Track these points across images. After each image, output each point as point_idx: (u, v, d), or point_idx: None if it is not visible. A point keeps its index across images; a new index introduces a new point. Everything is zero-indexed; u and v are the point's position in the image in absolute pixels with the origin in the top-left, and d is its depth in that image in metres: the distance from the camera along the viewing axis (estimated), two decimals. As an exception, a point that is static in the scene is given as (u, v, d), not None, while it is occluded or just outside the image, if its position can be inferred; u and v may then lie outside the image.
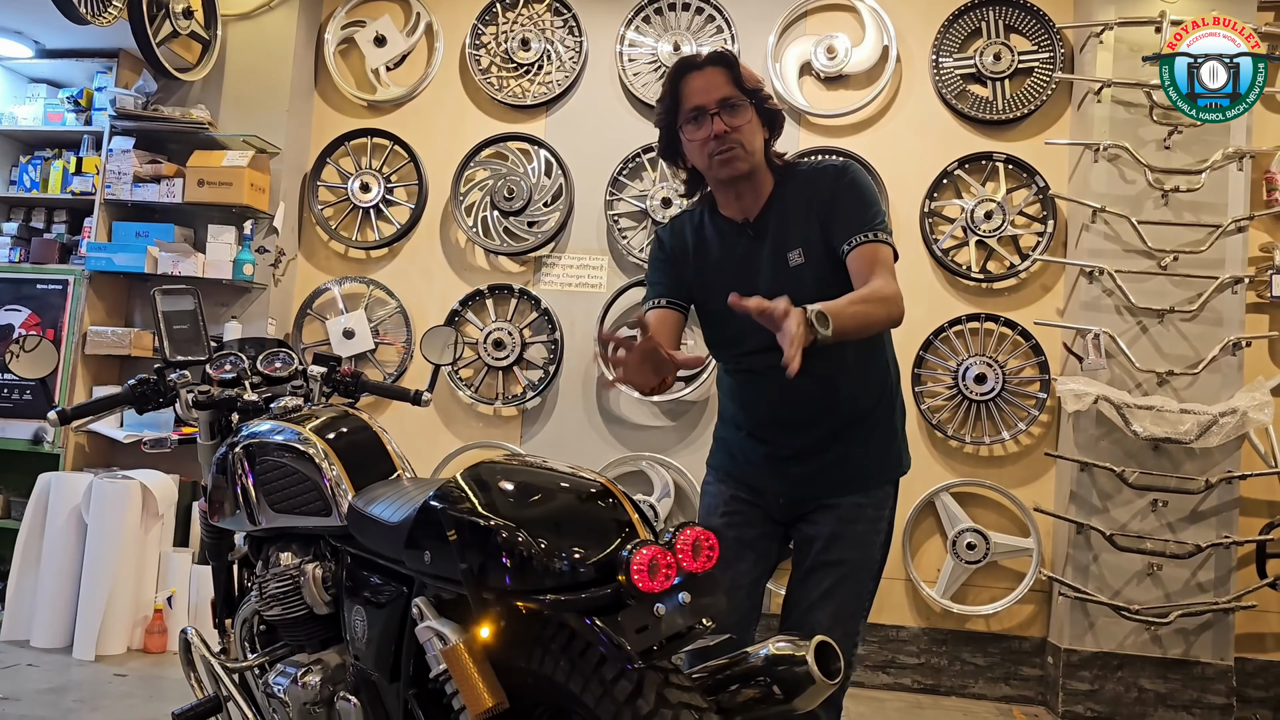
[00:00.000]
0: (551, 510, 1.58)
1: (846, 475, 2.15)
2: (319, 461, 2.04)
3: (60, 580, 4.01)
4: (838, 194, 2.09)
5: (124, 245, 4.36)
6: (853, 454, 2.15)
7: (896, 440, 2.22)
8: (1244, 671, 4.04)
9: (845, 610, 2.11)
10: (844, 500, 2.14)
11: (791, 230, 2.11)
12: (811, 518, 2.16)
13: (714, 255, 2.17)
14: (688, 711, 1.47)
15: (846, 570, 2.12)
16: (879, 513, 2.16)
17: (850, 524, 2.13)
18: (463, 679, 1.58)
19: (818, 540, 2.14)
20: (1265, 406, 3.87)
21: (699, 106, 2.06)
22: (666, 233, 2.27)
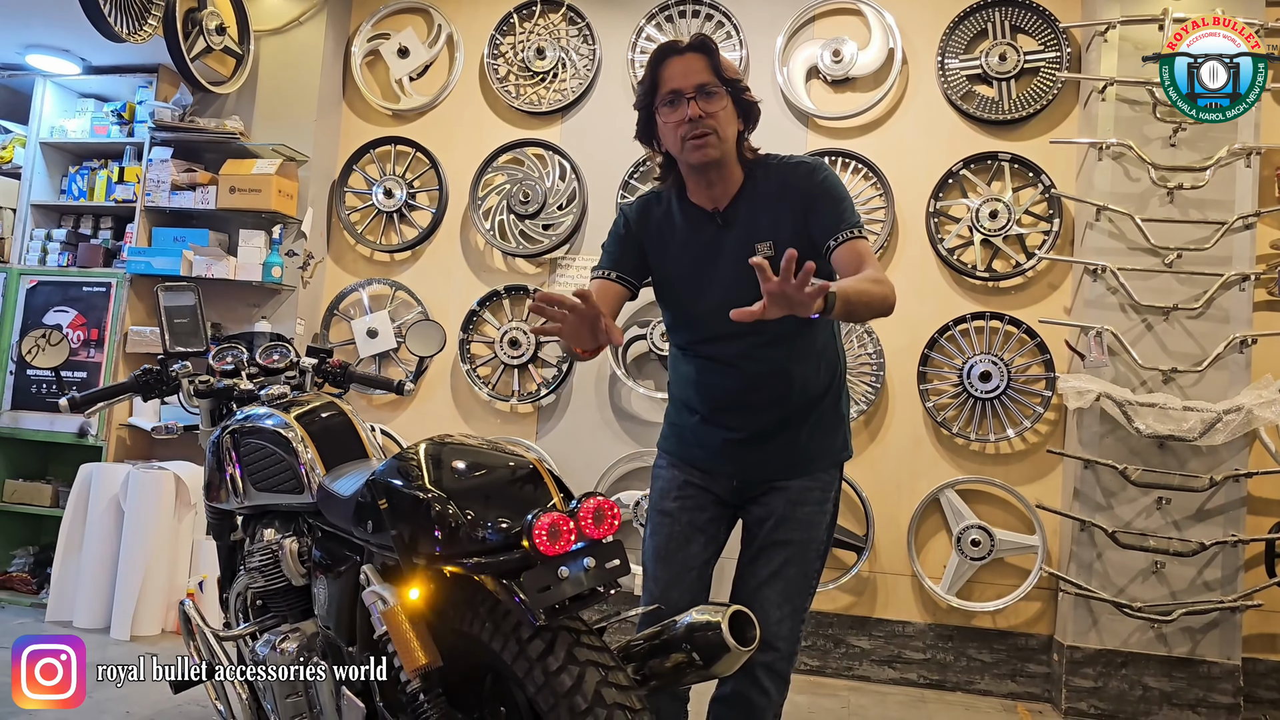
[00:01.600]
0: (479, 484, 1.71)
1: (795, 459, 2.23)
2: (295, 444, 2.20)
3: (100, 565, 4.25)
4: (815, 192, 2.15)
5: (162, 250, 4.61)
6: (802, 439, 2.23)
7: (842, 426, 2.30)
8: (1254, 672, 4.01)
9: (792, 587, 2.20)
10: (792, 483, 2.23)
11: (761, 222, 2.17)
12: (761, 500, 2.24)
13: (680, 241, 2.23)
14: (593, 669, 1.58)
15: (794, 550, 2.21)
16: (825, 495, 2.25)
17: (798, 505, 2.22)
18: (398, 638, 1.72)
19: (767, 521, 2.23)
20: (1274, 404, 3.84)
21: (676, 90, 2.12)
22: (632, 210, 2.32)
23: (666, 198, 2.28)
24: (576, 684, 1.55)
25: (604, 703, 1.54)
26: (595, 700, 1.54)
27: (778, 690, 2.20)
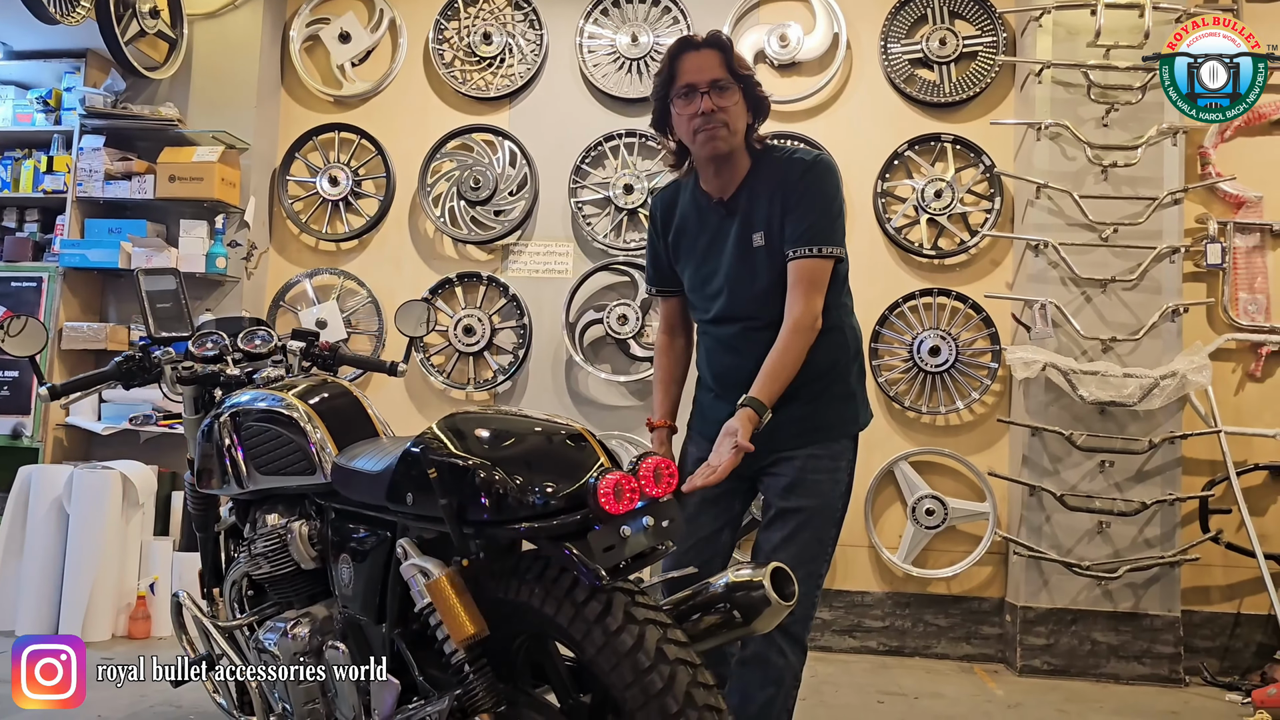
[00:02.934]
0: (525, 450, 1.72)
1: (803, 429, 2.28)
2: (303, 424, 2.16)
3: (44, 570, 4.07)
4: (799, 190, 2.22)
5: (97, 241, 4.44)
6: (808, 411, 2.28)
7: (854, 400, 2.35)
8: (1191, 623, 4.24)
9: (806, 553, 2.24)
10: (800, 452, 2.28)
11: (757, 213, 2.26)
12: (772, 470, 2.30)
13: (692, 228, 2.36)
14: (653, 627, 1.60)
15: (805, 516, 2.25)
16: (836, 464, 2.29)
17: (808, 473, 2.27)
18: (446, 610, 1.71)
19: (778, 490, 2.28)
20: (1204, 369, 4.07)
21: (691, 84, 2.20)
22: (658, 205, 2.45)
23: (686, 186, 2.40)
24: (638, 642, 1.57)
25: (666, 659, 1.57)
26: (658, 657, 1.57)
27: (794, 653, 2.25)
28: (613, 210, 4.65)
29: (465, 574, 1.75)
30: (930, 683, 3.98)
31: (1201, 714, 3.66)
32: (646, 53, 4.67)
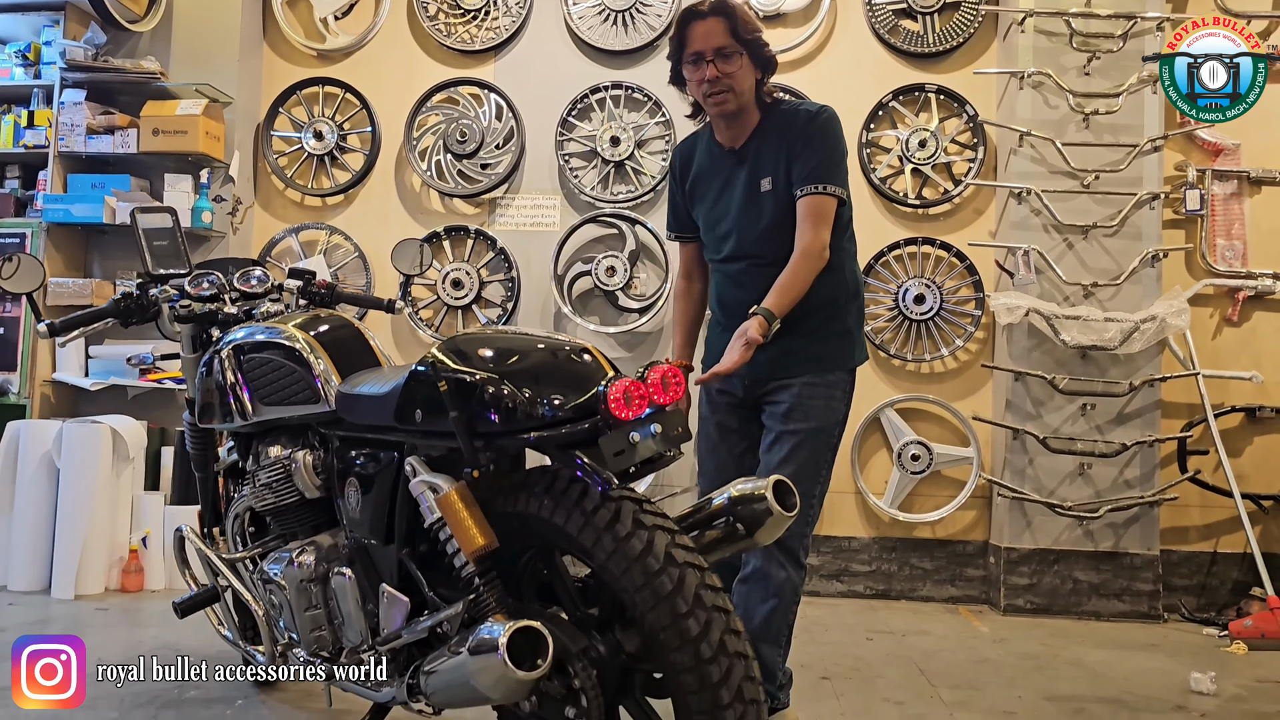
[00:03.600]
0: (533, 364, 1.75)
1: (801, 359, 2.42)
2: (305, 355, 2.18)
3: (35, 525, 4.07)
4: (805, 137, 2.40)
5: (81, 196, 4.40)
6: (806, 343, 2.42)
7: (851, 338, 2.49)
8: (1169, 562, 4.34)
9: (803, 472, 2.34)
10: (798, 380, 2.41)
11: (765, 160, 2.43)
12: (772, 397, 2.44)
13: (705, 175, 2.55)
14: (661, 533, 1.65)
15: (802, 438, 2.38)
16: (831, 392, 2.42)
17: (804, 399, 2.40)
18: (456, 523, 1.75)
19: (777, 414, 2.42)
20: (1182, 313, 4.15)
21: (698, 52, 2.39)
22: (677, 156, 2.65)
23: (702, 136, 2.59)
24: (648, 547, 1.62)
25: (675, 562, 1.62)
26: (667, 560, 1.61)
27: (792, 568, 2.36)
28: (599, 163, 4.66)
29: (474, 489, 1.78)
30: (917, 622, 4.07)
31: (1180, 647, 3.76)
32: (632, 4, 4.66)
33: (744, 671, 1.60)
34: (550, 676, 1.74)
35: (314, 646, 2.18)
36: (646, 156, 4.67)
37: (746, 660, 1.61)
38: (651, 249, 4.61)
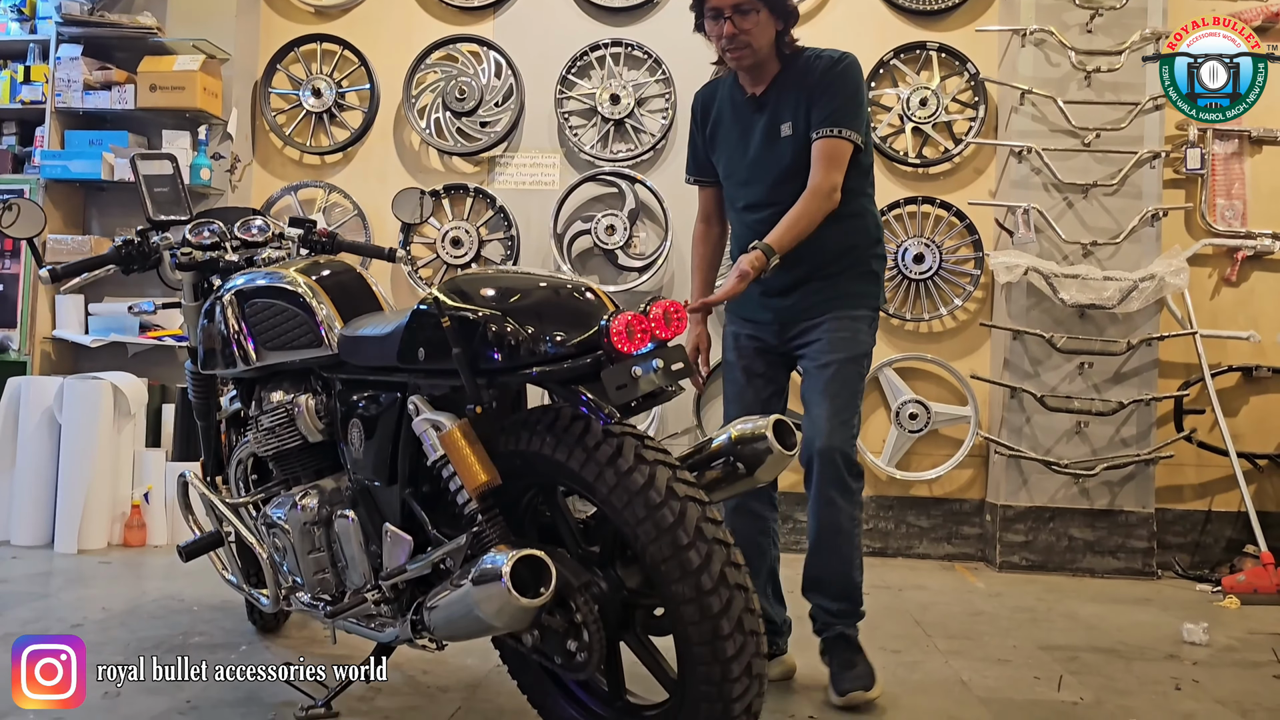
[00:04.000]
0: (535, 301, 1.76)
1: (824, 300, 2.48)
2: (308, 299, 2.18)
3: (37, 480, 4.09)
4: (825, 82, 2.44)
5: (78, 153, 4.39)
6: (829, 287, 2.48)
7: (875, 280, 2.55)
8: (1164, 520, 4.38)
9: (840, 403, 2.43)
10: (824, 318, 2.48)
11: (785, 107, 2.47)
12: (802, 339, 2.51)
13: (726, 121, 2.58)
14: (663, 467, 1.66)
15: (835, 369, 2.45)
16: (857, 326, 2.50)
17: (833, 334, 2.47)
18: (459, 459, 1.76)
19: (809, 353, 2.49)
20: (1181, 272, 4.16)
21: (716, 8, 2.41)
22: (698, 101, 2.68)
23: (724, 83, 2.62)
24: (649, 481, 1.64)
25: (676, 495, 1.64)
26: (668, 494, 1.63)
27: (846, 498, 2.42)
28: (599, 121, 4.64)
29: (476, 427, 1.80)
30: (914, 578, 4.10)
31: (1173, 602, 3.80)
32: (631, -40, 4.63)
33: (744, 603, 1.62)
34: (552, 611, 1.77)
35: (317, 589, 2.20)
36: (646, 115, 4.65)
37: (746, 593, 1.64)
38: (651, 208, 4.61)
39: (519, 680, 2.06)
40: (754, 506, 2.53)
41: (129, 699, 2.25)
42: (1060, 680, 2.69)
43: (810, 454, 2.41)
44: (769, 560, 2.58)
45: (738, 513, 2.53)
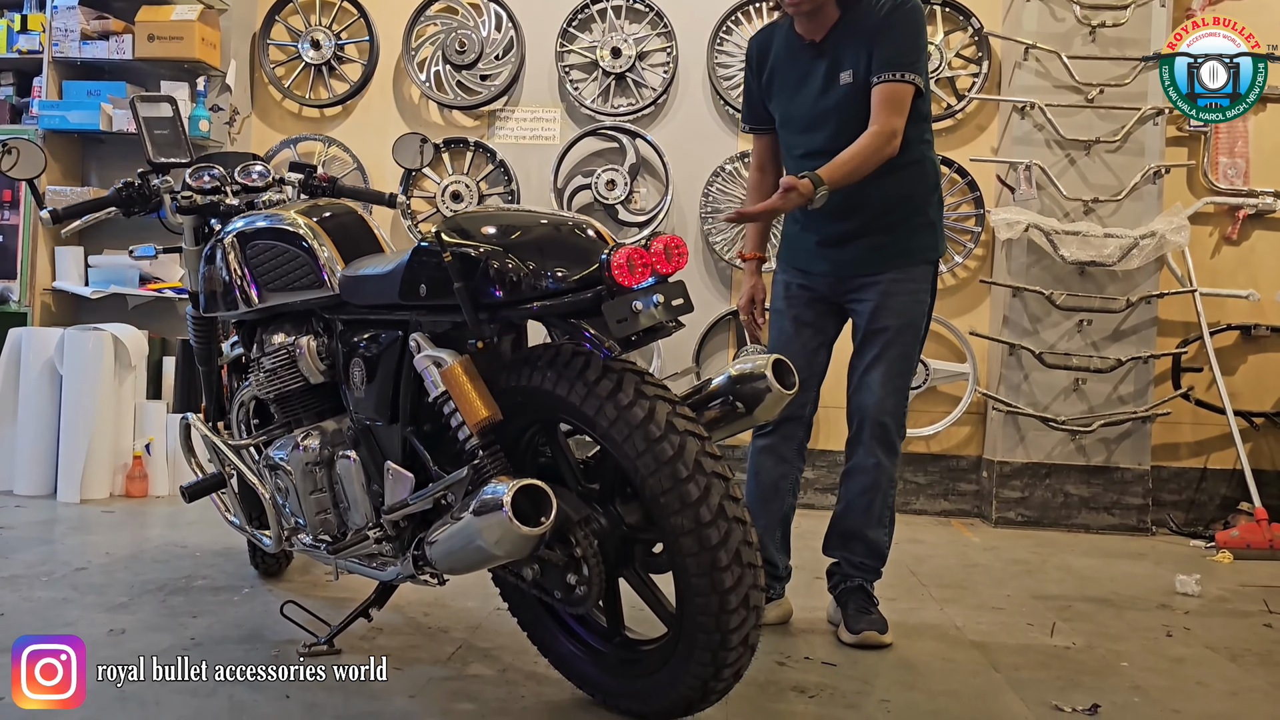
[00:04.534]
0: (536, 237, 1.77)
1: (884, 254, 2.45)
2: (309, 240, 2.19)
3: (39, 431, 4.11)
4: (887, 25, 2.38)
5: (77, 103, 4.37)
6: (889, 238, 2.45)
7: (934, 229, 2.52)
8: (1159, 478, 4.41)
9: (893, 369, 2.45)
10: (883, 276, 2.45)
11: (846, 53, 2.41)
12: (858, 295, 2.48)
13: (783, 67, 2.53)
14: (662, 402, 1.68)
15: (891, 335, 2.45)
16: (917, 286, 2.48)
17: (891, 296, 2.45)
18: (460, 395, 1.78)
19: (866, 314, 2.48)
20: (1182, 230, 4.16)
21: None
22: (754, 47, 2.62)
23: (780, 29, 2.57)
24: (649, 415, 1.65)
25: (676, 430, 1.65)
26: (668, 428, 1.65)
27: (889, 458, 2.47)
28: (600, 75, 4.62)
29: (477, 364, 1.81)
30: (909, 532, 4.13)
31: (1166, 556, 3.84)
32: (634, -89, 4.58)
33: (742, 536, 1.64)
34: (552, 545, 1.79)
35: (319, 530, 2.23)
36: (647, 69, 4.62)
37: (745, 526, 1.66)
38: (652, 163, 4.59)
39: (519, 618, 2.09)
40: (783, 451, 2.55)
41: (134, 635, 2.28)
42: (1053, 627, 2.72)
43: (862, 416, 2.45)
44: (785, 506, 2.60)
45: (765, 454, 2.55)
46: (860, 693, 2.12)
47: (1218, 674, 2.37)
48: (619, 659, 1.90)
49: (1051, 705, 2.08)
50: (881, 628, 2.46)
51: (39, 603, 2.53)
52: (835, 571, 2.59)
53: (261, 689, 1.97)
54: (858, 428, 2.47)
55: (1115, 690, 2.20)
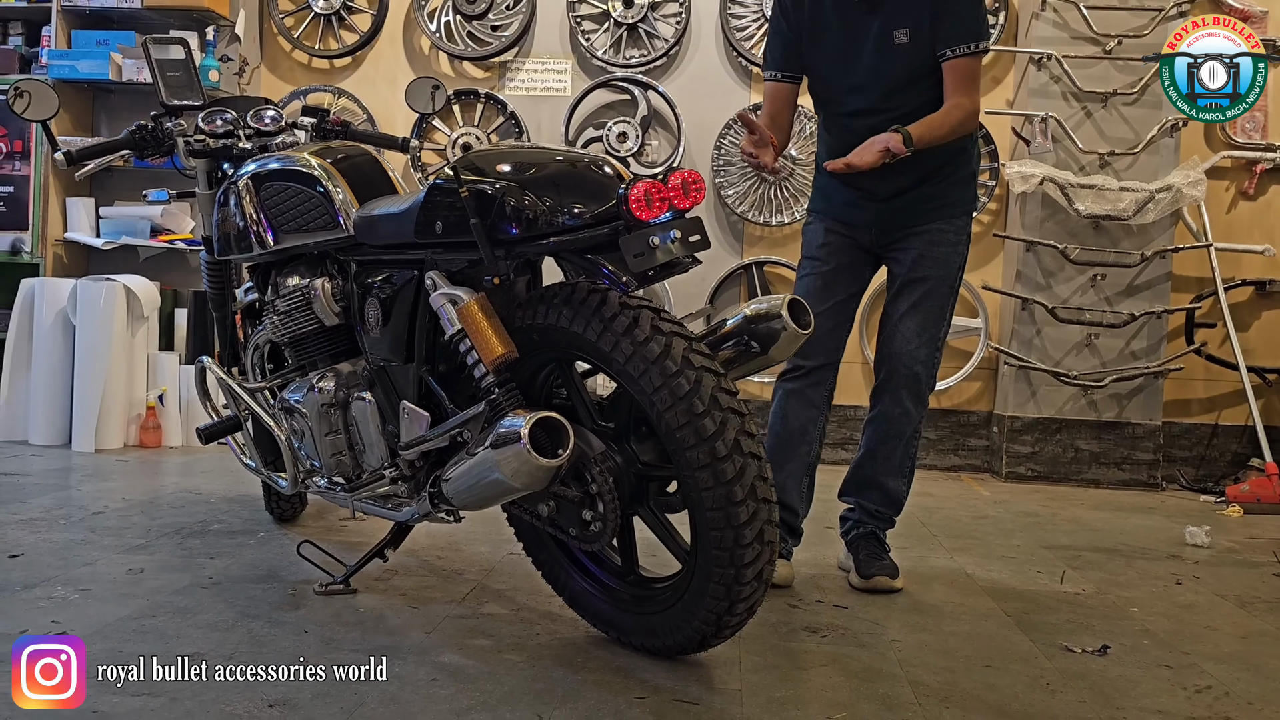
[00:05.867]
0: (552, 173, 1.76)
1: (932, 206, 2.44)
2: (324, 181, 2.18)
3: (52, 381, 4.13)
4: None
5: (86, 53, 4.34)
6: (938, 190, 2.43)
7: (974, 182, 2.53)
8: (1170, 434, 4.40)
9: (929, 319, 2.45)
10: (929, 227, 2.44)
11: (901, 13, 2.34)
12: (901, 244, 2.46)
13: (829, 23, 2.42)
14: (678, 338, 1.68)
15: (930, 286, 2.44)
16: (958, 238, 2.47)
17: (934, 246, 2.44)
18: (476, 332, 1.78)
19: (906, 263, 2.46)
20: (1198, 184, 4.12)
21: None
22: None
23: None
24: (665, 351, 1.65)
25: (692, 365, 1.65)
26: (684, 363, 1.65)
27: (917, 408, 2.48)
28: (611, 25, 4.57)
29: (493, 301, 1.81)
30: (920, 486, 4.03)
31: (1176, 510, 3.84)
32: None
33: (757, 471, 1.65)
34: (567, 482, 1.80)
35: (334, 471, 2.24)
36: (659, 20, 4.58)
37: (760, 461, 1.66)
38: (664, 115, 4.56)
39: (533, 557, 2.11)
40: (812, 396, 2.51)
41: (152, 575, 2.31)
42: (1063, 574, 2.73)
43: (894, 364, 2.44)
44: (811, 453, 2.56)
45: (793, 397, 2.51)
46: (871, 633, 2.14)
47: (1227, 619, 2.39)
48: (633, 596, 1.92)
49: (1061, 646, 2.10)
50: (893, 573, 2.48)
51: (58, 543, 2.55)
52: (849, 517, 2.60)
53: (280, 624, 1.99)
54: (887, 375, 2.46)
55: (1124, 634, 2.22)
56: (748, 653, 1.96)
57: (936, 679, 1.88)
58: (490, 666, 1.82)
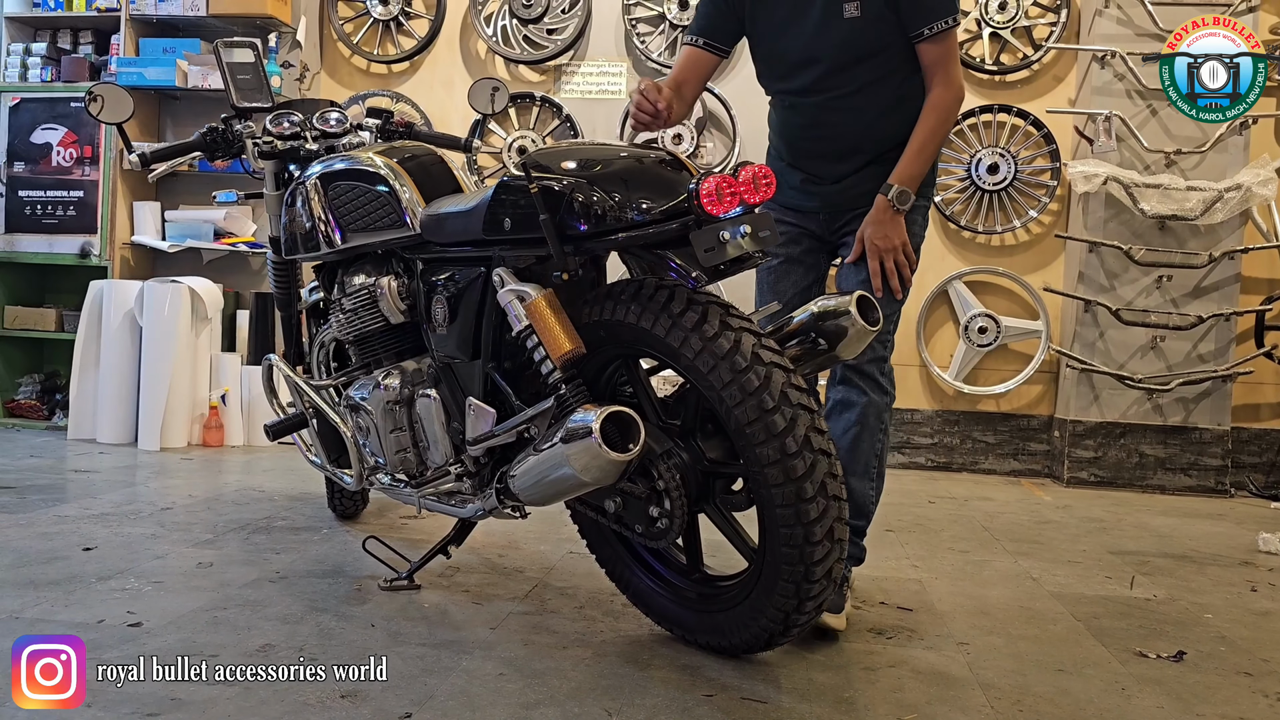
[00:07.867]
0: (621, 169, 1.76)
1: (878, 187, 2.22)
2: (391, 181, 2.20)
3: (119, 381, 4.23)
4: None
5: (153, 60, 4.44)
6: (883, 171, 2.21)
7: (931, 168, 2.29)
8: (1239, 440, 4.29)
9: (884, 296, 2.23)
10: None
11: None
12: (850, 226, 2.29)
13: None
14: (748, 335, 1.67)
15: None
16: (913, 217, 2.26)
17: None
18: (544, 329, 1.78)
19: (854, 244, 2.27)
20: (1269, 182, 4.02)
21: None
22: None
23: None
24: (735, 346, 1.64)
25: (762, 361, 1.64)
26: (754, 359, 1.64)
27: (874, 391, 2.25)
28: (667, 27, 4.57)
29: (560, 297, 1.81)
30: (979, 491, 4.09)
31: (1246, 517, 3.74)
32: None
33: (827, 468, 1.63)
34: (634, 479, 1.80)
35: (399, 468, 2.26)
36: (715, 21, 4.56)
37: (830, 458, 1.65)
38: (719, 117, 4.55)
39: (597, 555, 2.10)
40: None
41: (220, 569, 2.35)
42: (1133, 580, 2.67)
43: None
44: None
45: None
46: (939, 636, 2.11)
47: (1307, 627, 2.32)
48: (698, 594, 1.91)
49: (1135, 651, 2.05)
50: (835, 606, 2.03)
51: (129, 538, 2.60)
52: None
53: (348, 618, 2.01)
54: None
55: (1200, 640, 2.16)
56: (813, 653, 1.94)
57: (1008, 682, 1.84)
58: (556, 662, 1.82)
